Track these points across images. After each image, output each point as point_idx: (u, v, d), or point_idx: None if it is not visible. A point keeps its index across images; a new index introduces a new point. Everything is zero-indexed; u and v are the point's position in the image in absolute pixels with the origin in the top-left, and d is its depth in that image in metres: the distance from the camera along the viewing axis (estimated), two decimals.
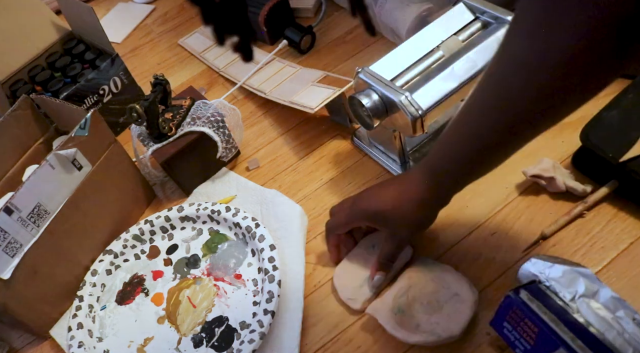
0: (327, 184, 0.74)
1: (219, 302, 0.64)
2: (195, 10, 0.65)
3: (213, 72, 0.98)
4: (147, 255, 0.72)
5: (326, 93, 0.75)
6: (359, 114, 0.65)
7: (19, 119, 0.74)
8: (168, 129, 0.73)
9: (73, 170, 0.65)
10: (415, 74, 0.65)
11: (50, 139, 0.79)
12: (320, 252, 0.67)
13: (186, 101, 0.77)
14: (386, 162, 0.73)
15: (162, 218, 0.72)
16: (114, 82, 0.88)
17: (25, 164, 0.75)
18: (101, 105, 0.87)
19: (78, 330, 0.64)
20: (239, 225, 0.68)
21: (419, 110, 0.60)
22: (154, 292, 0.68)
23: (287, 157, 0.79)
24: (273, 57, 0.93)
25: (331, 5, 1.02)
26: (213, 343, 0.61)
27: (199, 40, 1.05)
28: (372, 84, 0.63)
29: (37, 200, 0.61)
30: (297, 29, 0.94)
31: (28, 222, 0.61)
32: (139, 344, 0.63)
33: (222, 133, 0.75)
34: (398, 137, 0.68)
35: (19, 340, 0.69)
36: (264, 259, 0.64)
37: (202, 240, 0.71)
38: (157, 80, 0.75)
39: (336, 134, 0.80)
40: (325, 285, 0.64)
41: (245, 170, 0.80)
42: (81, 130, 0.66)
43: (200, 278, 0.67)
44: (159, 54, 1.06)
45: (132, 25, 1.15)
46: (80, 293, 0.68)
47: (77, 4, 0.87)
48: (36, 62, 0.93)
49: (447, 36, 0.66)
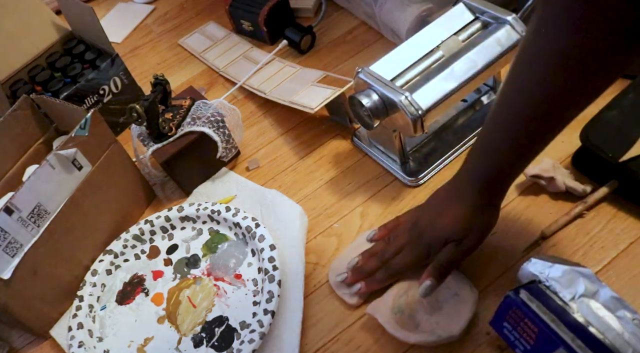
0: (327, 184, 0.74)
1: (219, 302, 0.64)
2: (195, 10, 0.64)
3: (213, 72, 0.98)
4: (147, 255, 0.72)
5: (326, 93, 0.75)
6: (359, 114, 0.65)
7: (19, 119, 0.74)
8: (168, 129, 0.73)
9: (73, 170, 0.65)
10: (415, 74, 0.65)
11: (50, 139, 0.79)
12: (320, 252, 0.67)
13: (186, 101, 0.77)
14: (386, 162, 0.73)
15: (162, 218, 0.72)
16: (114, 82, 0.88)
17: (25, 163, 0.75)
18: (101, 105, 0.87)
19: (78, 330, 0.64)
20: (239, 225, 0.68)
21: (419, 110, 0.60)
22: (154, 292, 0.68)
23: (287, 157, 0.79)
24: (273, 57, 0.93)
25: (331, 5, 1.02)
26: (213, 343, 0.61)
27: (199, 40, 1.05)
28: (372, 84, 0.63)
29: (37, 200, 0.61)
30: (297, 29, 0.94)
31: (28, 222, 0.61)
32: (139, 344, 0.63)
33: (222, 133, 0.75)
34: (398, 137, 0.68)
35: (19, 340, 0.69)
36: (264, 259, 0.64)
37: (202, 240, 0.71)
38: (157, 80, 0.75)
39: (336, 134, 0.80)
40: (325, 285, 0.64)
41: (245, 170, 0.80)
42: (81, 130, 0.66)
43: (200, 278, 0.67)
44: (159, 54, 1.06)
45: (132, 25, 1.15)
46: (81, 293, 0.68)
47: (77, 4, 0.87)
48: (36, 62, 0.93)
49: (447, 36, 0.66)
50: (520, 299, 0.49)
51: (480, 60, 0.64)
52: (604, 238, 0.59)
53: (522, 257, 0.60)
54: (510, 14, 0.65)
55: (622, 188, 0.61)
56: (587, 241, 0.59)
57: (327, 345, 0.59)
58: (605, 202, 0.61)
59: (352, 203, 0.71)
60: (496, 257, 0.60)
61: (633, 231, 0.59)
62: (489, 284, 0.59)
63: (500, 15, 0.65)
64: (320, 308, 0.62)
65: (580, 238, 0.60)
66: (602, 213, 0.61)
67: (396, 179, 0.72)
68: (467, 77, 0.63)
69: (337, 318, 0.61)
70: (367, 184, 0.72)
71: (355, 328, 0.59)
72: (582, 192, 0.62)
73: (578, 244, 0.59)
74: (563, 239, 0.60)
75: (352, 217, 0.69)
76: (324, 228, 0.69)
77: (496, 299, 0.54)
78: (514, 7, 0.76)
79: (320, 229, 0.69)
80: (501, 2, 0.68)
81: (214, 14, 1.10)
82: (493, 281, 0.59)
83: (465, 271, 0.59)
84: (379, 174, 0.73)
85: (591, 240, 0.59)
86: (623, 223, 0.60)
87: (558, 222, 0.60)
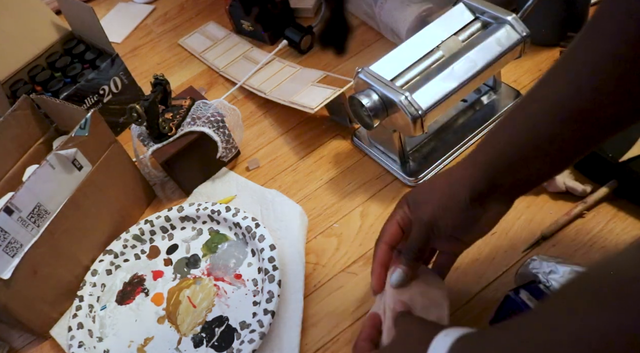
0: (327, 184, 0.74)
1: (219, 302, 0.64)
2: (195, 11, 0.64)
3: (213, 72, 0.98)
4: (147, 255, 0.72)
5: (326, 93, 0.75)
6: (359, 114, 0.65)
7: (19, 119, 0.74)
8: (168, 129, 0.73)
9: (73, 170, 0.65)
10: (415, 74, 0.65)
11: (50, 139, 0.79)
12: (320, 252, 0.67)
13: (186, 101, 0.77)
14: (386, 162, 0.73)
15: (162, 218, 0.72)
16: (114, 82, 0.88)
17: (25, 163, 0.75)
18: (101, 105, 0.87)
19: (78, 330, 0.64)
20: (239, 225, 0.68)
21: (419, 110, 0.60)
22: (154, 292, 0.68)
23: (287, 157, 0.79)
24: (273, 57, 0.93)
25: None
26: (213, 343, 0.61)
27: (199, 40, 1.05)
28: (372, 84, 0.63)
29: (37, 200, 0.61)
30: (297, 29, 0.94)
31: (28, 222, 0.61)
32: (139, 344, 0.63)
33: (222, 133, 0.75)
34: (398, 137, 0.68)
35: (19, 340, 0.69)
36: (264, 259, 0.64)
37: (202, 240, 0.71)
38: (157, 80, 0.75)
39: (336, 134, 0.80)
40: (325, 285, 0.64)
41: (245, 170, 0.80)
42: (81, 130, 0.66)
43: (200, 278, 0.67)
44: (159, 54, 1.06)
45: (132, 25, 1.15)
46: (81, 293, 0.68)
47: (77, 4, 0.87)
48: (36, 62, 0.93)
49: (447, 36, 0.66)
50: (520, 299, 0.49)
51: (480, 60, 0.64)
52: (604, 239, 0.59)
53: (522, 257, 0.60)
54: (510, 14, 0.65)
55: (622, 188, 0.61)
56: (587, 241, 0.59)
57: (327, 345, 0.59)
58: (605, 202, 0.61)
59: (352, 203, 0.71)
60: (496, 257, 0.60)
61: (633, 231, 0.59)
62: (489, 284, 0.59)
63: (500, 15, 0.65)
64: (320, 308, 0.62)
65: (580, 239, 0.60)
66: (602, 213, 0.61)
67: (396, 179, 0.72)
68: (467, 77, 0.63)
69: (337, 318, 0.61)
70: (367, 184, 0.72)
71: (355, 328, 0.59)
72: (582, 192, 0.62)
73: (578, 244, 0.59)
74: (563, 239, 0.60)
75: (352, 217, 0.69)
76: (324, 228, 0.69)
77: (496, 299, 0.54)
78: (514, 7, 0.76)
79: (320, 229, 0.69)
80: (501, 2, 0.68)
81: (214, 14, 1.10)
82: (493, 281, 0.59)
83: (466, 271, 0.59)
84: (379, 174, 0.73)
85: (591, 240, 0.59)
86: (623, 223, 0.60)
87: (558, 222, 0.60)
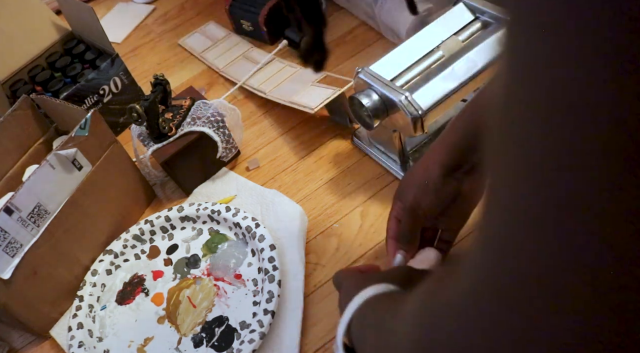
0: (327, 184, 0.74)
1: (219, 302, 0.64)
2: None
3: (213, 72, 0.98)
4: (147, 255, 0.72)
5: (326, 93, 0.75)
6: (359, 114, 0.65)
7: (19, 119, 0.74)
8: (168, 129, 0.73)
9: (73, 170, 0.65)
10: (415, 74, 0.65)
11: (50, 139, 0.79)
12: (320, 252, 0.67)
13: (186, 101, 0.77)
14: (386, 162, 0.73)
15: (162, 218, 0.72)
16: (114, 82, 0.88)
17: (25, 164, 0.75)
18: (101, 105, 0.87)
19: (78, 330, 0.64)
20: (239, 225, 0.68)
21: (419, 110, 0.60)
22: (154, 292, 0.68)
23: (287, 157, 0.79)
24: (273, 57, 0.93)
25: (331, 5, 1.02)
26: (213, 343, 0.61)
27: (199, 40, 1.05)
28: (372, 84, 0.63)
29: (37, 200, 0.61)
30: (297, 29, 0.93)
31: (28, 222, 0.61)
32: (139, 344, 0.63)
33: (222, 133, 0.75)
34: (398, 137, 0.68)
35: (19, 340, 0.69)
36: (264, 259, 0.64)
37: (202, 240, 0.71)
38: (157, 80, 0.75)
39: (336, 134, 0.80)
40: (325, 285, 0.64)
41: (245, 170, 0.80)
42: (81, 130, 0.66)
43: (200, 278, 0.67)
44: (159, 54, 1.06)
45: (132, 25, 1.15)
46: (81, 293, 0.68)
47: (77, 4, 0.87)
48: (36, 62, 0.93)
49: (447, 36, 0.66)
50: None
51: (480, 60, 0.64)
52: None
53: None
54: None
55: None
56: None
57: (327, 345, 0.59)
58: None
59: (352, 203, 0.71)
60: None
61: None
62: None
63: (500, 15, 0.65)
64: (320, 308, 0.62)
65: None
66: None
67: (396, 179, 0.72)
68: (467, 77, 0.63)
69: (337, 318, 0.60)
70: (367, 184, 0.72)
71: None
72: None
73: None
74: None
75: (352, 217, 0.69)
76: (324, 228, 0.69)
77: None
78: None
79: (320, 229, 0.69)
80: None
81: (214, 14, 1.10)
82: None
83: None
84: (379, 174, 0.73)
85: None
86: None
87: None
